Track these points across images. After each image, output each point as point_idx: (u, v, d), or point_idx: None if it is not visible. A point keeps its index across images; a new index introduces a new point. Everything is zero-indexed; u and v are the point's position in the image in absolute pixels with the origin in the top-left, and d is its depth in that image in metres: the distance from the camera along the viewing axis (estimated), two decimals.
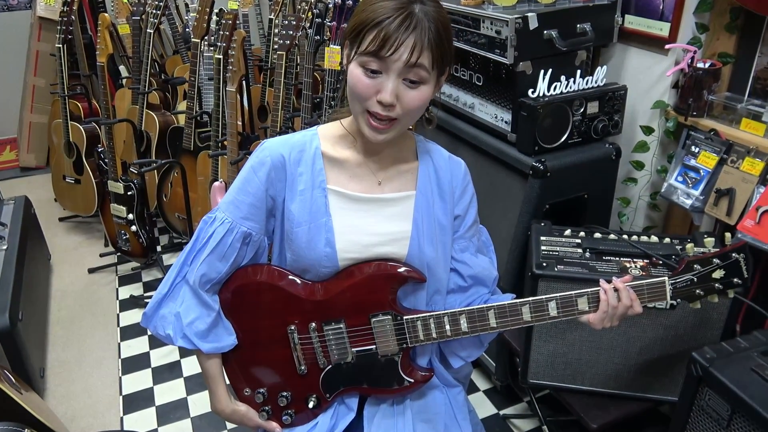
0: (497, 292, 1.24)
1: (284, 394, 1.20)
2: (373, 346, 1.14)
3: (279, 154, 1.10)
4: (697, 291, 1.10)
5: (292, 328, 1.16)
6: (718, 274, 1.09)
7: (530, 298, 1.08)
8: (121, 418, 2.16)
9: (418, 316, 1.12)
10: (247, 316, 1.18)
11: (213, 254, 1.13)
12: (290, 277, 1.16)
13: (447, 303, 1.21)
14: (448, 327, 1.11)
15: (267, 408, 1.21)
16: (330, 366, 1.17)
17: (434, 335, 1.12)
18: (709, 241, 1.09)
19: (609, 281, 1.08)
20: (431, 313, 1.12)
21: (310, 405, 1.19)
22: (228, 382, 1.22)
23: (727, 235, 1.12)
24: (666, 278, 1.08)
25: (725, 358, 1.25)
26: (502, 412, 2.10)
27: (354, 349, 1.15)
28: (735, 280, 1.09)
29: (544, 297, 1.07)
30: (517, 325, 1.10)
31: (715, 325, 1.48)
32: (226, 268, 1.14)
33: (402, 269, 1.11)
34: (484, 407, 2.12)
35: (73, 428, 2.11)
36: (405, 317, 1.12)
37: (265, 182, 1.11)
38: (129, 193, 2.75)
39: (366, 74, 0.98)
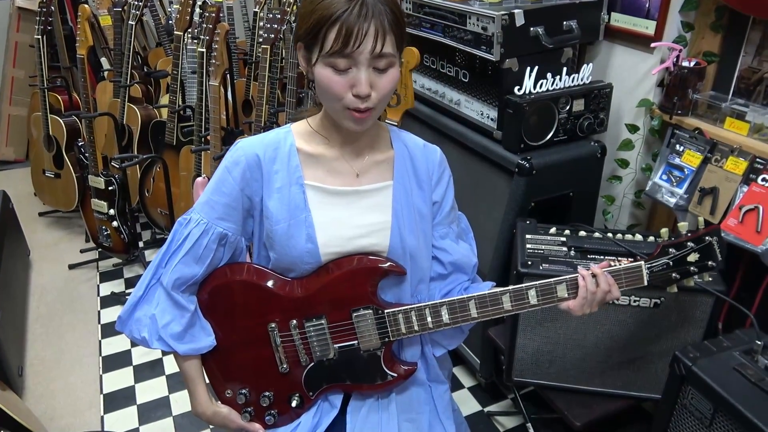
0: (477, 280, 1.24)
1: (266, 394, 1.18)
2: (355, 342, 1.14)
3: (253, 153, 1.09)
4: (673, 275, 1.11)
5: (273, 326, 1.14)
6: (692, 257, 1.10)
7: (510, 287, 1.09)
8: (102, 417, 2.13)
9: (400, 309, 1.11)
10: (227, 316, 1.17)
11: (188, 256, 1.11)
12: (269, 274, 1.15)
13: (430, 290, 1.21)
14: (429, 319, 1.11)
15: (249, 409, 1.19)
16: (312, 364, 1.16)
17: (416, 328, 1.12)
18: (683, 225, 1.11)
19: (587, 269, 1.09)
20: (412, 306, 1.11)
21: (293, 404, 1.17)
22: (209, 383, 1.21)
23: (700, 219, 1.14)
24: (642, 263, 1.09)
25: (708, 357, 1.26)
26: (486, 409, 2.10)
27: (336, 345, 1.14)
28: (709, 263, 1.11)
29: (524, 285, 1.08)
30: (499, 314, 1.11)
31: (698, 324, 1.49)
32: (202, 270, 1.13)
33: (381, 263, 1.11)
34: (469, 404, 2.12)
35: (52, 428, 2.08)
36: (386, 311, 1.11)
37: (240, 182, 1.10)
38: (110, 188, 2.70)
39: (336, 73, 0.98)
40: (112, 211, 2.73)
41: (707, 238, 1.10)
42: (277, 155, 1.10)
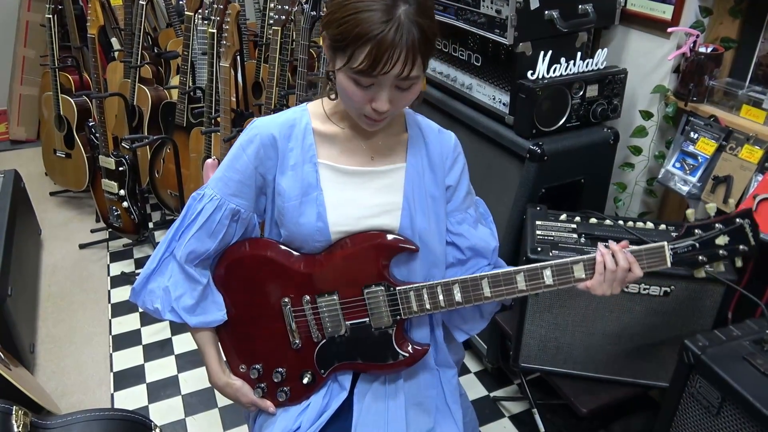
0: (499, 263, 1.23)
1: (279, 370, 1.20)
2: (367, 319, 1.14)
3: (269, 131, 1.10)
4: (700, 258, 1.05)
5: (286, 301, 1.16)
6: (721, 240, 1.04)
7: (525, 266, 1.07)
8: (112, 395, 2.16)
9: (411, 286, 1.12)
10: (242, 290, 1.18)
11: (201, 230, 1.13)
12: (285, 250, 1.16)
13: (446, 277, 1.19)
14: (441, 297, 1.11)
15: (262, 385, 1.21)
16: (324, 340, 1.17)
17: (428, 306, 1.12)
18: (711, 207, 1.05)
19: (607, 247, 1.07)
20: (424, 284, 1.12)
21: (305, 381, 1.19)
22: (225, 359, 1.23)
23: (709, 206, 1.06)
24: (665, 243, 1.04)
25: (717, 346, 1.25)
26: (492, 394, 2.11)
27: (348, 322, 1.15)
28: (741, 247, 1.03)
29: (539, 264, 1.06)
30: (512, 294, 1.09)
31: (708, 313, 1.48)
32: (215, 245, 1.15)
33: (393, 238, 1.11)
34: (475, 389, 2.13)
35: (63, 404, 2.11)
36: (398, 288, 1.11)
37: (253, 160, 1.11)
38: (120, 168, 2.71)
39: (359, 87, 0.98)
40: (122, 192, 2.74)
41: (738, 220, 1.03)
42: (293, 133, 1.11)
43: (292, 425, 1.19)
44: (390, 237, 1.12)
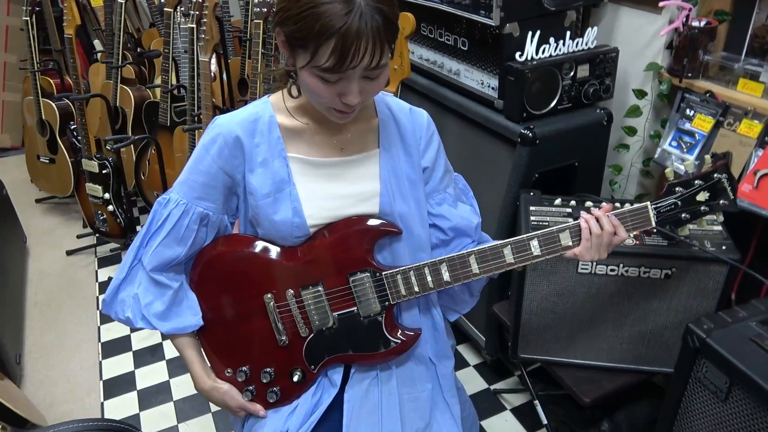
0: (483, 238, 1.20)
1: (267, 370, 1.15)
2: (355, 308, 1.10)
3: (231, 129, 1.05)
4: (683, 215, 1.07)
5: (269, 297, 1.11)
6: (702, 196, 1.06)
7: (512, 239, 1.05)
8: (102, 404, 2.10)
9: (398, 270, 1.08)
10: (221, 290, 1.13)
11: (169, 237, 1.09)
12: (262, 244, 1.11)
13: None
14: (429, 278, 1.07)
15: (251, 388, 1.16)
16: (312, 335, 1.12)
17: (416, 288, 1.08)
18: (689, 164, 1.06)
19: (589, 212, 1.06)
20: (410, 266, 1.08)
21: (295, 379, 1.14)
22: (209, 364, 1.18)
23: (707, 157, 1.08)
24: (648, 203, 1.05)
25: (723, 328, 1.20)
26: (492, 387, 2.06)
27: (335, 313, 1.10)
28: (721, 201, 1.06)
29: (525, 236, 1.04)
30: (501, 268, 1.07)
31: (711, 294, 1.43)
32: (185, 251, 1.10)
33: (374, 222, 1.08)
34: (474, 382, 2.08)
35: (51, 414, 2.05)
36: (384, 273, 1.08)
37: (217, 160, 1.06)
38: (104, 171, 2.65)
39: (326, 83, 0.92)
40: (107, 195, 2.68)
41: (716, 175, 1.05)
42: (257, 128, 1.06)
43: (282, 427, 1.14)
44: (371, 221, 1.08)
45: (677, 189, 1.06)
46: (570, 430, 1.81)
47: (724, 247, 1.38)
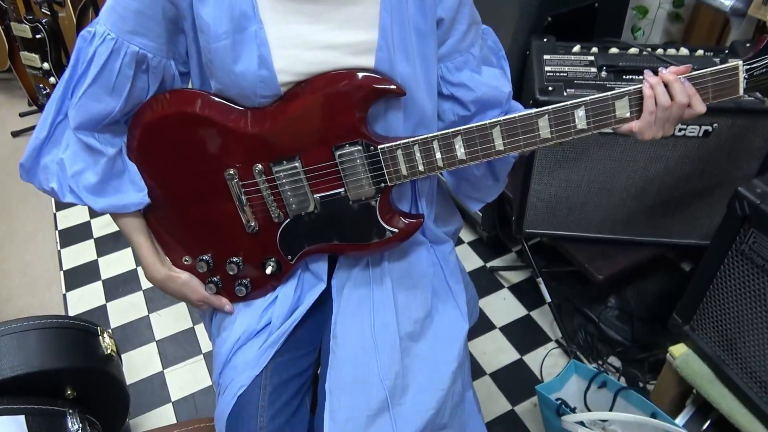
0: (514, 108, 0.95)
1: (234, 260, 0.95)
2: (342, 189, 0.88)
3: None
4: None
5: (231, 173, 0.88)
6: None
7: (549, 107, 0.80)
8: (64, 296, 1.92)
9: (398, 143, 0.84)
10: (169, 162, 0.89)
11: (97, 85, 0.83)
12: (220, 103, 0.85)
13: None
14: (438, 155, 0.84)
15: (215, 279, 0.97)
16: (288, 220, 0.91)
17: (421, 168, 0.86)
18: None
19: (656, 73, 0.79)
20: (415, 138, 0.84)
21: (268, 270, 0.94)
22: (160, 249, 0.97)
23: None
24: (740, 62, 0.77)
25: None
26: (489, 265, 1.91)
27: (317, 195, 0.88)
28: None
29: (569, 103, 0.79)
30: (533, 145, 0.83)
31: (755, 155, 1.22)
32: (119, 105, 0.85)
33: (369, 78, 0.81)
34: (470, 260, 1.93)
35: (9, 310, 1.88)
36: (380, 146, 0.84)
37: None
38: (38, 36, 2.27)
39: None
40: (46, 65, 2.33)
41: None
42: None
43: (256, 322, 0.96)
44: (364, 76, 0.81)
45: None
46: (573, 308, 1.68)
47: None
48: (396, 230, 0.91)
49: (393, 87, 0.82)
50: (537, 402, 1.52)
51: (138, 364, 1.69)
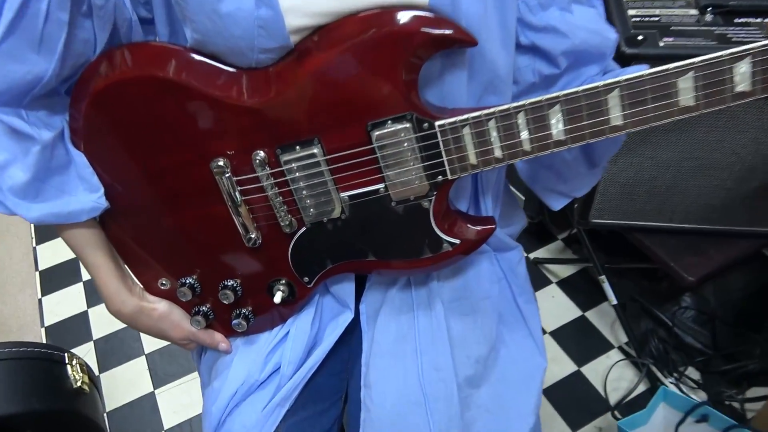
0: (614, 69, 0.67)
1: (229, 283, 0.69)
2: (381, 185, 0.61)
3: None
4: None
5: (221, 163, 0.61)
6: None
7: (696, 60, 0.52)
8: (40, 300, 1.68)
9: (465, 117, 0.57)
10: (133, 148, 0.62)
11: (15, 36, 0.54)
12: (204, 63, 0.58)
13: None
14: (525, 134, 0.58)
15: (204, 309, 0.71)
16: (303, 229, 0.64)
17: (498, 154, 0.59)
18: None
19: None
20: (491, 110, 0.57)
21: (277, 298, 0.68)
22: (129, 270, 0.70)
23: None
24: None
25: None
26: (532, 256, 1.64)
27: (344, 195, 0.62)
28: None
29: (728, 53, 0.52)
30: (667, 117, 0.56)
31: None
32: (53, 65, 0.56)
33: (421, 20, 0.54)
34: None
35: None
36: (438, 122, 0.57)
37: None
38: None
39: None
40: None
41: None
42: None
43: (260, 369, 0.71)
44: (414, 16, 0.54)
45: None
46: (641, 308, 1.41)
47: None
48: (458, 241, 0.64)
49: (459, 36, 0.54)
50: (602, 427, 1.27)
51: (124, 384, 1.44)
